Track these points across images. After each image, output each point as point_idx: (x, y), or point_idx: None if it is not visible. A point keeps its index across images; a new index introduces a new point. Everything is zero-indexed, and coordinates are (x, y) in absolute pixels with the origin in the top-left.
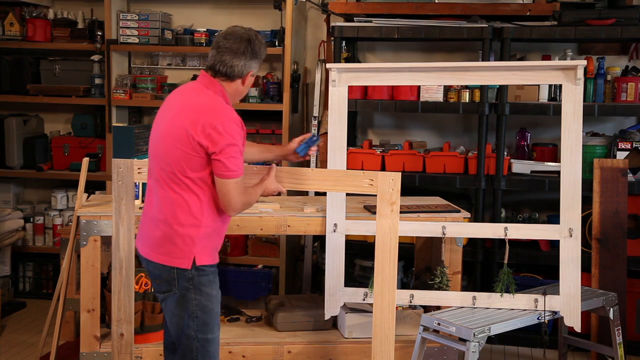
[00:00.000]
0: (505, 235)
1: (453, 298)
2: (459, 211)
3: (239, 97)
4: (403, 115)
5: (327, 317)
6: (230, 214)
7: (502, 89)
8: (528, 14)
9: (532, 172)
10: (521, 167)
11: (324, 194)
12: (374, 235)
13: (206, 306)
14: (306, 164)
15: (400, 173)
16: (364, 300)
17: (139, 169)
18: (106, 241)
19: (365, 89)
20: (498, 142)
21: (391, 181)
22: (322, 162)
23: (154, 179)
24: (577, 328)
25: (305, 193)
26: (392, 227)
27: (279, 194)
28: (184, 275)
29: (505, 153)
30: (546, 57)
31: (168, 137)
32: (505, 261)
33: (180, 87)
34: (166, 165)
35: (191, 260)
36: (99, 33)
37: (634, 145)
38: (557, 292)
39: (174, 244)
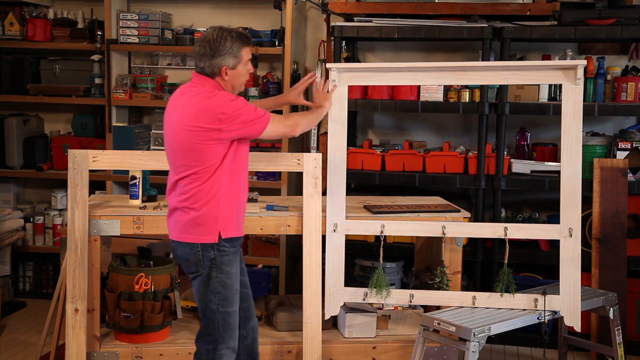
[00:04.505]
0: (505, 235)
1: (453, 298)
2: (459, 211)
3: (233, 89)
4: (403, 115)
5: (327, 317)
6: (294, 135)
7: (502, 89)
8: (528, 13)
9: (532, 172)
10: (521, 167)
11: (324, 193)
12: (375, 235)
13: (226, 283)
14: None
15: (321, 154)
16: (364, 300)
17: (93, 157)
18: (106, 241)
19: (365, 88)
20: (498, 142)
21: (314, 160)
22: (322, 162)
23: (174, 174)
24: (577, 328)
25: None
26: (315, 196)
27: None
28: (207, 256)
29: (505, 153)
30: (546, 57)
31: (180, 136)
32: (505, 261)
33: (181, 87)
34: (184, 161)
35: (217, 234)
36: (99, 33)
37: (634, 145)
38: (557, 292)
39: (200, 224)
